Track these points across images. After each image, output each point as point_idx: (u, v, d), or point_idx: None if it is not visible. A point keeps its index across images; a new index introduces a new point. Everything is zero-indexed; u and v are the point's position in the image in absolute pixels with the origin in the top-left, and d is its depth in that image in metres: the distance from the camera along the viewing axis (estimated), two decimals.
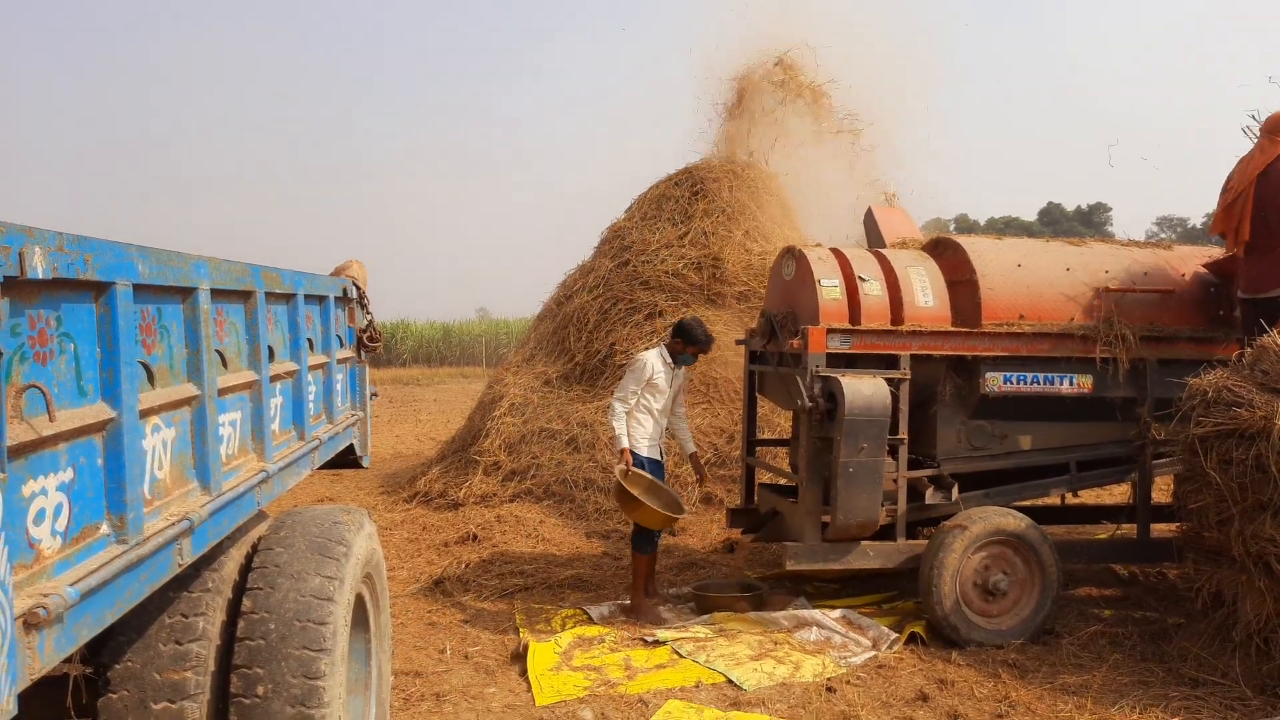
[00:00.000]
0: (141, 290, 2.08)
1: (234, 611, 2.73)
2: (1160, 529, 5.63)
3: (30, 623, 1.54)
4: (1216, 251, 5.81)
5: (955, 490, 5.32)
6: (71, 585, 1.68)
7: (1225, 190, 5.31)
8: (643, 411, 5.47)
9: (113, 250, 1.91)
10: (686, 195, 9.99)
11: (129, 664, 2.45)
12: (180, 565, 2.24)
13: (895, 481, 5.19)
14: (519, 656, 4.83)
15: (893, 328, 5.18)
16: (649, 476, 5.57)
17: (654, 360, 5.49)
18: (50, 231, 1.65)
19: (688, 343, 5.51)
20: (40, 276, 1.59)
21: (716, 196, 9.88)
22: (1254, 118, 5.22)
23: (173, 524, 2.17)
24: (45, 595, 1.60)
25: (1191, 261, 5.70)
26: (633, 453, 5.43)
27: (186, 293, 2.39)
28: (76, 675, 2.45)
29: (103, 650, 2.46)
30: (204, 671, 2.51)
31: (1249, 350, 4.64)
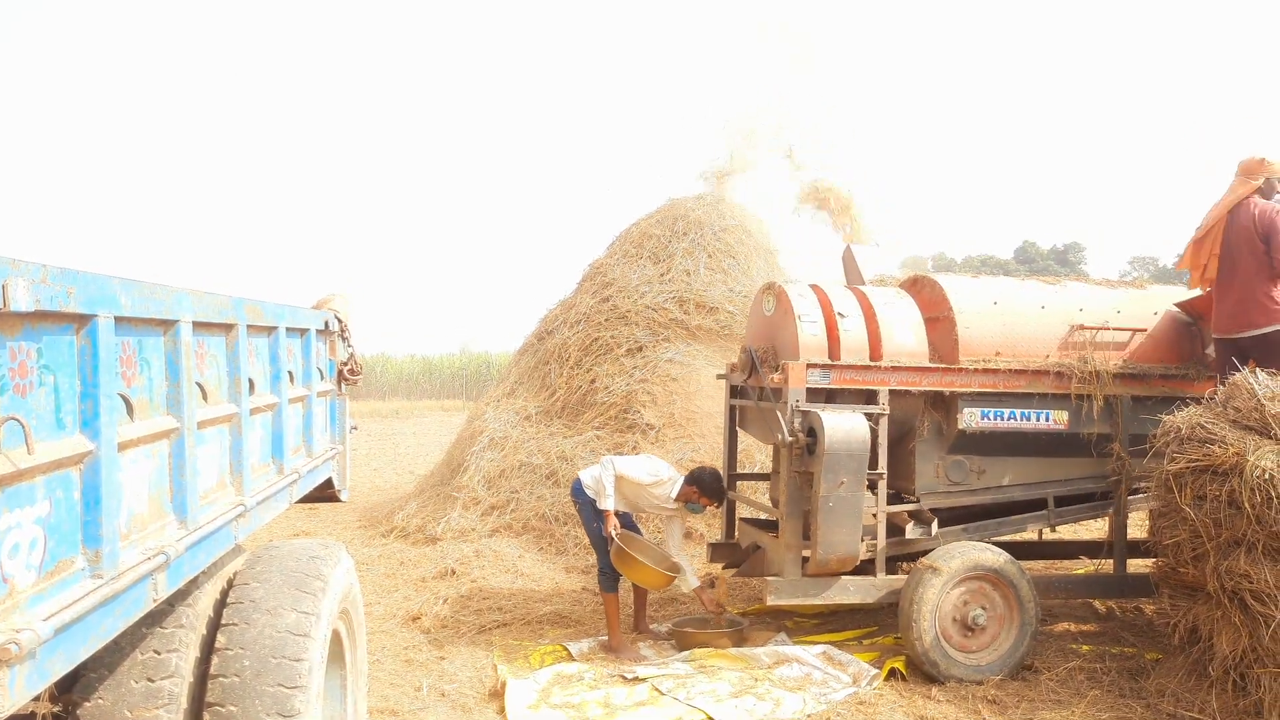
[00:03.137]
0: (123, 322, 2.08)
1: (208, 647, 2.69)
2: (1137, 564, 5.66)
3: (2, 658, 1.52)
4: (1189, 291, 5.93)
5: (935, 525, 5.35)
6: (45, 620, 1.66)
7: (1198, 228, 5.46)
8: (618, 480, 5.50)
9: (96, 282, 1.92)
10: (668, 234, 10.09)
11: (100, 701, 2.41)
12: (155, 600, 2.21)
13: (875, 516, 5.21)
14: (497, 694, 4.77)
15: (871, 363, 5.23)
16: (640, 538, 5.63)
17: (672, 489, 5.52)
18: (35, 263, 1.65)
19: (703, 493, 5.55)
20: (23, 309, 1.59)
21: (697, 235, 9.98)
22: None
23: (148, 558, 2.15)
24: (18, 630, 1.58)
25: (1164, 300, 5.80)
26: (593, 500, 5.48)
27: (168, 325, 2.39)
28: (45, 713, 2.41)
29: (73, 687, 2.42)
30: (176, 709, 2.47)
31: (1221, 388, 4.71)
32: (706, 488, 5.54)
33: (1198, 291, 5.73)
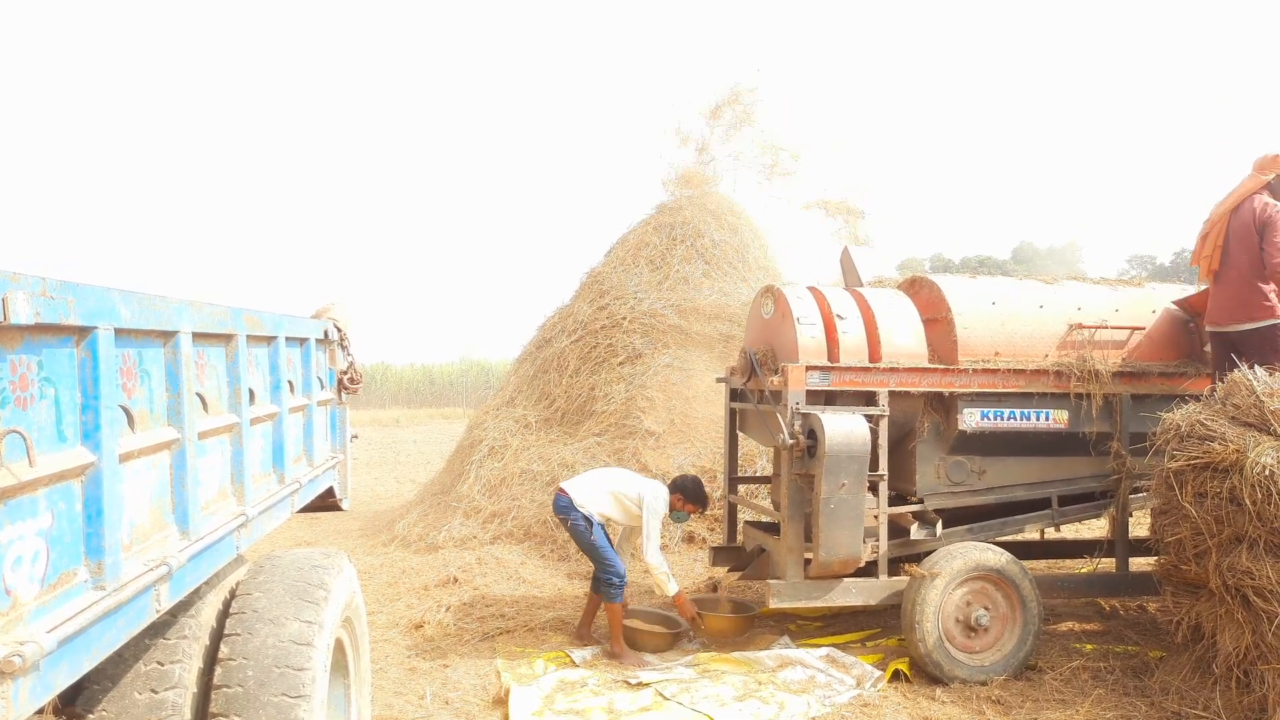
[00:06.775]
0: (123, 334, 2.08)
1: (211, 658, 2.69)
2: (1139, 562, 5.66)
3: (5, 671, 1.52)
4: (1186, 288, 5.94)
5: (939, 526, 5.35)
6: (48, 632, 1.66)
7: (1205, 221, 5.45)
8: (613, 496, 5.50)
9: (96, 294, 1.92)
10: (664, 240, 10.10)
11: (103, 713, 2.41)
12: (158, 611, 2.21)
13: (876, 518, 5.21)
14: (501, 701, 4.77)
15: (871, 365, 5.24)
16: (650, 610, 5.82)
17: (667, 500, 5.56)
18: (34, 276, 1.65)
19: (688, 500, 5.59)
20: (23, 322, 1.60)
21: (695, 241, 9.99)
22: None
23: (151, 569, 2.15)
24: (21, 643, 1.58)
25: (1162, 298, 5.81)
26: (585, 515, 5.42)
27: (168, 336, 2.39)
28: None
29: (77, 699, 2.42)
30: None
31: (1220, 385, 4.72)
32: (691, 494, 5.58)
33: (1194, 289, 5.73)
